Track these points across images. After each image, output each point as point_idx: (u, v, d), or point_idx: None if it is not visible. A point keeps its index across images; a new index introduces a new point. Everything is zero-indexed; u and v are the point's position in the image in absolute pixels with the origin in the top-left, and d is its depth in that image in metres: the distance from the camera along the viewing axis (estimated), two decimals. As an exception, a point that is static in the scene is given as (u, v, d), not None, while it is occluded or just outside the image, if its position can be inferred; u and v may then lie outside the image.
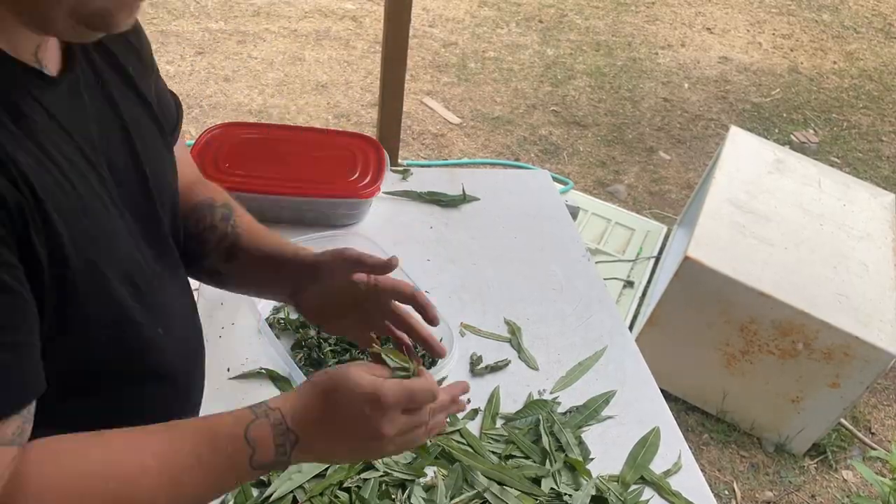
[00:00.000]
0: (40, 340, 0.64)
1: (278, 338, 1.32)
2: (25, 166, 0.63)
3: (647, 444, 1.26)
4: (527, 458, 1.20)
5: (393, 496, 1.09)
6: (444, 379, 1.28)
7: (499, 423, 1.28)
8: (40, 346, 0.64)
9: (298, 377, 1.19)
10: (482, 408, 1.29)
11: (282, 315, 1.41)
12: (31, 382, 0.63)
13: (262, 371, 1.29)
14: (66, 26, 0.65)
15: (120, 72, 0.82)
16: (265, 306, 1.41)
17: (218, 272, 1.03)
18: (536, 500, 1.13)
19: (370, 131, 2.29)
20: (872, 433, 2.70)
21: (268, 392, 1.26)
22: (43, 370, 0.64)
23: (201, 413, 0.97)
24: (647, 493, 1.20)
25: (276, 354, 1.25)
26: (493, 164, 3.69)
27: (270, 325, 1.34)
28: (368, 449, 0.80)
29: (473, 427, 1.26)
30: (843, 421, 2.62)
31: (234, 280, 1.05)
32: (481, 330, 1.44)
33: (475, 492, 1.13)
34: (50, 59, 0.71)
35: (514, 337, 1.45)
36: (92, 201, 0.72)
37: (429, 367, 1.27)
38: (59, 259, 0.65)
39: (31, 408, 0.64)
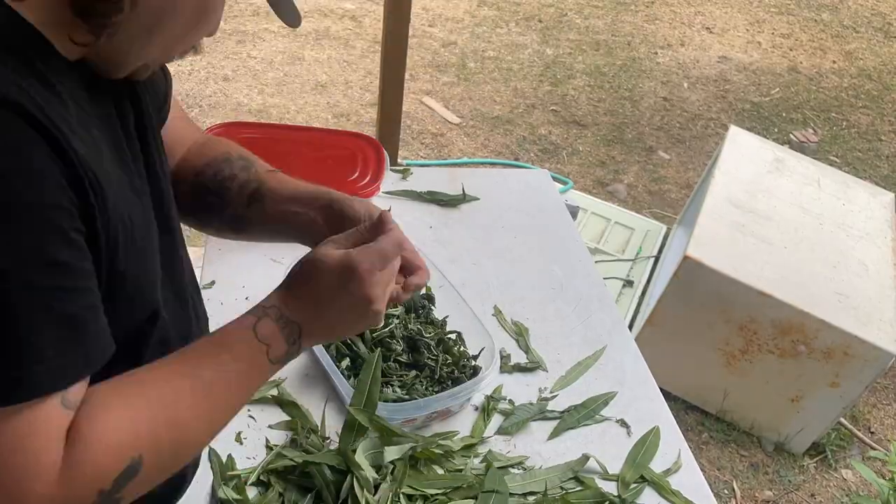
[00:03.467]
0: None
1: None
2: (82, 152, 0.65)
3: (647, 444, 1.26)
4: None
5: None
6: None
7: (497, 421, 1.28)
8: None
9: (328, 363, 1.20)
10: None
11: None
12: (107, 343, 0.67)
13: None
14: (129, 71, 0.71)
15: None
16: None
17: (241, 217, 1.01)
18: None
19: (370, 131, 2.29)
20: (872, 432, 2.71)
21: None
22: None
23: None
24: (648, 492, 1.20)
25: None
26: (492, 164, 3.69)
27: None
28: (366, 315, 0.83)
29: (470, 424, 1.26)
30: (842, 420, 2.62)
31: (258, 222, 1.02)
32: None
33: None
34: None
35: (521, 338, 1.45)
36: (134, 197, 0.74)
37: (471, 376, 1.29)
38: (113, 240, 0.68)
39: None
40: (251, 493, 1.13)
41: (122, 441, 0.66)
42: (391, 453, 1.12)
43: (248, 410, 1.23)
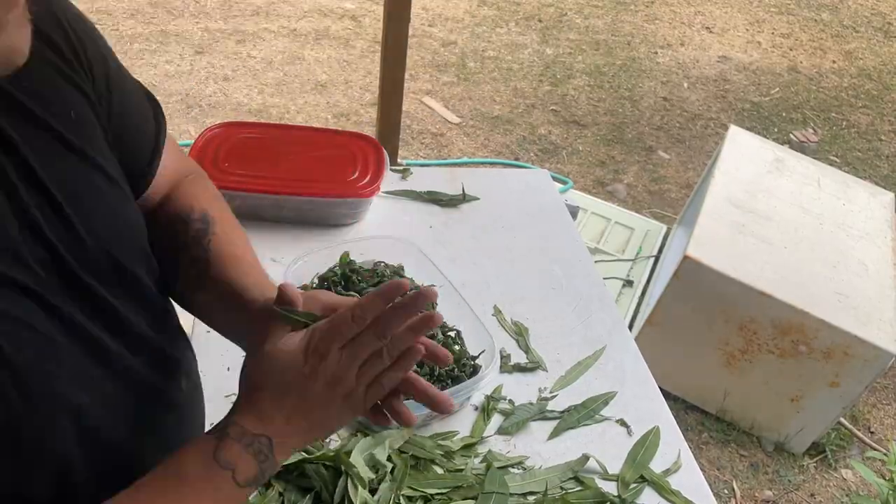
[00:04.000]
0: None
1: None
2: None
3: (647, 444, 1.26)
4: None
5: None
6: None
7: (497, 421, 1.28)
8: None
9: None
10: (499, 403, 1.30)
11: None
12: None
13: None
14: None
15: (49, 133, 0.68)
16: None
17: (190, 303, 0.88)
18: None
19: (370, 131, 2.29)
20: (872, 432, 2.71)
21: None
22: None
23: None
24: (647, 492, 1.20)
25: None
26: (492, 164, 3.69)
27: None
28: (340, 405, 0.72)
29: (470, 424, 1.26)
30: (842, 420, 2.62)
31: (202, 316, 0.89)
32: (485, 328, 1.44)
33: None
34: None
35: (521, 337, 1.45)
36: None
37: (470, 375, 1.29)
38: None
39: None
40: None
41: None
42: (381, 452, 1.12)
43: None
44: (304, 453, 1.15)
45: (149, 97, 0.87)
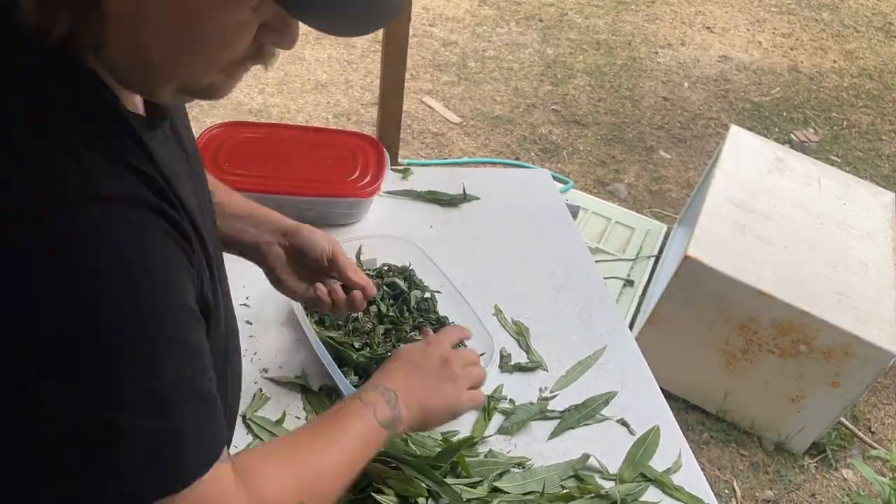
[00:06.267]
0: None
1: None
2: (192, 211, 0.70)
3: (647, 443, 1.26)
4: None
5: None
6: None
7: (497, 420, 1.28)
8: None
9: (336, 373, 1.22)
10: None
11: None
12: (225, 419, 0.74)
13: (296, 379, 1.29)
14: (175, 97, 0.67)
15: None
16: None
17: None
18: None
19: (370, 130, 2.29)
20: (872, 432, 2.71)
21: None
22: None
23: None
24: (650, 491, 1.20)
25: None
26: (493, 164, 3.69)
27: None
28: (446, 385, 1.02)
29: (470, 423, 1.26)
30: (842, 420, 2.62)
31: None
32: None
33: None
34: (138, 101, 0.71)
35: (522, 337, 1.45)
36: (205, 250, 0.76)
37: None
38: (209, 307, 0.74)
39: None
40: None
41: (289, 482, 0.78)
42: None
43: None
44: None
45: None
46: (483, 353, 1.31)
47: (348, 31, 0.65)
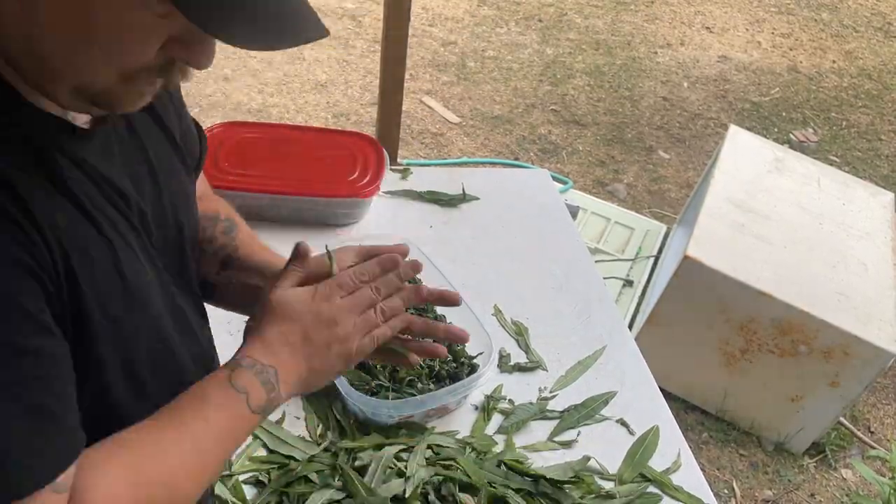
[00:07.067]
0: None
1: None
2: (60, 228, 0.63)
3: (646, 443, 1.26)
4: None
5: None
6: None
7: (497, 420, 1.28)
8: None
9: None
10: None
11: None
12: (73, 443, 0.64)
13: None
14: (72, 101, 0.65)
15: (147, 109, 0.79)
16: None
17: (209, 283, 0.99)
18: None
19: (370, 130, 2.29)
20: (872, 432, 2.71)
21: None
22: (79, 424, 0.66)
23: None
24: (650, 490, 1.20)
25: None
26: (492, 164, 3.69)
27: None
28: (337, 349, 0.82)
29: (470, 423, 1.26)
30: (842, 420, 2.62)
31: (225, 290, 1.01)
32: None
33: None
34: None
35: (521, 337, 1.45)
36: (127, 258, 0.72)
37: (469, 374, 1.29)
38: (82, 316, 0.66)
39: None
40: (249, 492, 1.13)
41: (122, 502, 0.67)
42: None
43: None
44: (302, 453, 1.15)
45: (196, 124, 0.97)
46: (481, 353, 1.31)
47: (261, 42, 0.61)
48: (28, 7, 0.59)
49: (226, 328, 1.07)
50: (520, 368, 1.39)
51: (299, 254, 0.87)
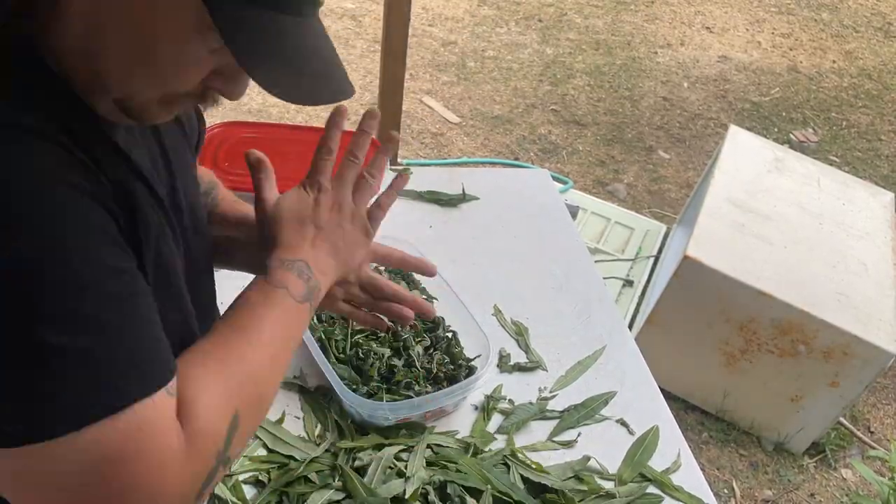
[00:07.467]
0: None
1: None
2: (123, 183, 0.67)
3: (646, 443, 1.26)
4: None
5: None
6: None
7: (497, 420, 1.28)
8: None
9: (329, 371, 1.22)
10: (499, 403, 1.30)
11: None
12: (171, 353, 0.69)
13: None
14: (109, 110, 0.69)
15: None
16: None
17: None
18: None
19: (370, 130, 2.29)
20: (871, 432, 2.71)
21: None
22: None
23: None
24: (650, 490, 1.20)
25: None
26: (492, 164, 3.69)
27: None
28: (351, 227, 0.89)
29: (469, 424, 1.26)
30: (842, 420, 2.62)
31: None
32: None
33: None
34: None
35: (521, 337, 1.45)
36: (162, 234, 0.75)
37: (467, 376, 1.30)
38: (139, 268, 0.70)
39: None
40: (249, 492, 1.13)
41: (221, 401, 0.70)
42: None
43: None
44: (302, 452, 1.15)
45: (196, 111, 1.00)
46: (479, 356, 1.31)
47: (295, 97, 0.66)
48: (93, 27, 0.63)
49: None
50: (520, 368, 1.39)
51: (259, 163, 0.95)
